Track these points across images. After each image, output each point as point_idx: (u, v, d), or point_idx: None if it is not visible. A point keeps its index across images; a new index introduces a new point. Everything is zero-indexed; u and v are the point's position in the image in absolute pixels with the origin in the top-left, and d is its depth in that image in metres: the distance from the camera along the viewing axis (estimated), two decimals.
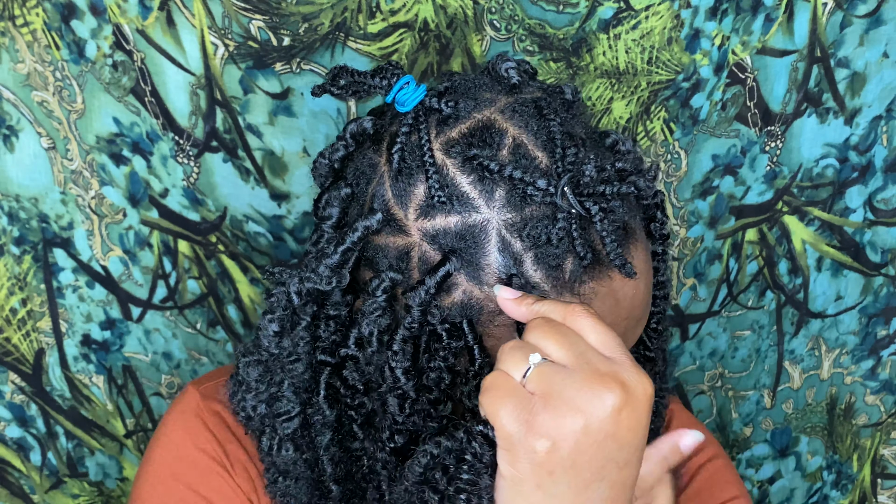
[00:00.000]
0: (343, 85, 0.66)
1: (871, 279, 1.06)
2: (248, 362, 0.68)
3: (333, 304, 0.66)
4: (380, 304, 0.62)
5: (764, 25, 0.90)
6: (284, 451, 0.69)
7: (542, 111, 0.62)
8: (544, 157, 0.60)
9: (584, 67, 0.89)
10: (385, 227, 0.62)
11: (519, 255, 0.59)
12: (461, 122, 0.61)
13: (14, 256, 0.98)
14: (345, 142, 0.67)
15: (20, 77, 0.90)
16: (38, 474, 1.10)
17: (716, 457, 0.83)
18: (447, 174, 0.60)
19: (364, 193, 0.64)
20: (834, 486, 1.20)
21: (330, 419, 0.68)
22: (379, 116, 0.67)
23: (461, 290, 0.60)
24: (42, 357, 1.04)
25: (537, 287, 0.59)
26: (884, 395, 1.14)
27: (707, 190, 0.98)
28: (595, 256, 0.60)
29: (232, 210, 0.94)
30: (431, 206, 0.60)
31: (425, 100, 0.62)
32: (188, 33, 0.85)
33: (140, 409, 1.08)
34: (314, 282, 0.64)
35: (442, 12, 0.85)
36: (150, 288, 1.01)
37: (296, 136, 0.90)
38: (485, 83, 0.64)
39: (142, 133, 0.91)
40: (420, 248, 0.61)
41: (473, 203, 0.59)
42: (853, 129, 0.97)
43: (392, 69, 0.64)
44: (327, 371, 0.68)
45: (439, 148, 0.61)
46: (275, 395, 0.68)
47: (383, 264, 0.63)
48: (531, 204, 0.59)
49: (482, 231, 0.59)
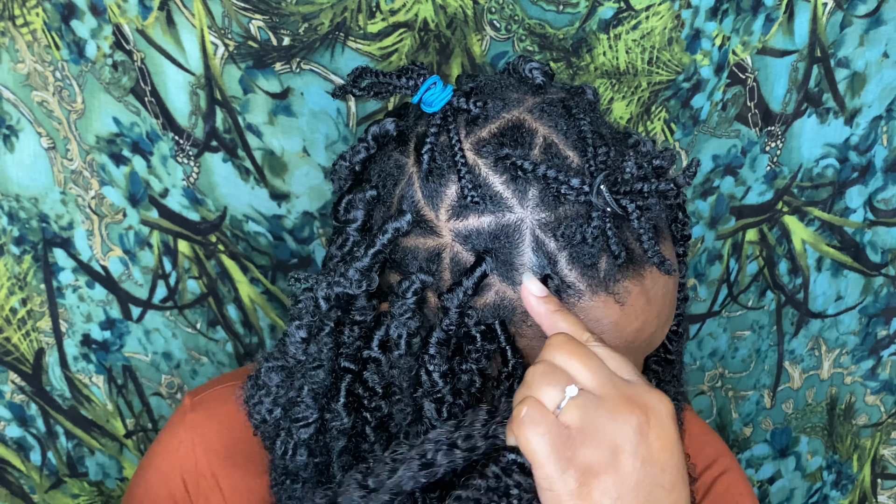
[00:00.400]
0: (365, 86, 0.66)
1: (871, 279, 1.06)
2: (270, 367, 0.68)
3: (359, 309, 0.65)
4: (409, 307, 0.62)
5: (764, 26, 0.90)
6: (299, 455, 0.69)
7: (571, 111, 0.61)
8: (575, 156, 0.60)
9: (584, 67, 0.89)
10: (415, 229, 0.62)
11: (553, 255, 0.59)
12: (490, 122, 0.61)
13: (14, 256, 0.98)
14: (366, 144, 0.66)
15: (20, 77, 0.90)
16: (38, 474, 1.10)
17: (730, 469, 0.82)
18: (479, 174, 0.60)
19: (391, 195, 0.63)
20: (834, 486, 1.20)
21: (347, 426, 0.68)
22: (399, 118, 0.66)
23: (494, 290, 0.60)
24: (42, 357, 1.04)
25: (572, 286, 0.59)
26: (884, 396, 1.14)
27: (707, 190, 0.98)
28: (629, 255, 0.59)
29: (232, 210, 0.94)
30: (464, 207, 0.60)
31: (452, 100, 0.62)
32: (188, 33, 0.85)
33: (140, 409, 1.08)
34: (343, 286, 0.63)
35: (442, 12, 0.85)
36: (150, 288, 1.01)
37: (296, 135, 0.90)
38: (510, 84, 0.64)
39: (142, 133, 0.91)
40: (452, 248, 0.61)
41: (507, 203, 0.59)
42: (853, 129, 0.97)
43: (418, 69, 0.64)
44: (349, 378, 0.67)
45: (470, 148, 0.60)
46: (293, 399, 0.68)
47: (413, 266, 0.62)
48: (565, 203, 0.59)
49: (516, 231, 0.59)
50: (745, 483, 0.84)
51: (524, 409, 0.55)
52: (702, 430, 0.86)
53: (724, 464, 0.83)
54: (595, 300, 0.59)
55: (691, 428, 0.85)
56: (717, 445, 0.85)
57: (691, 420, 0.86)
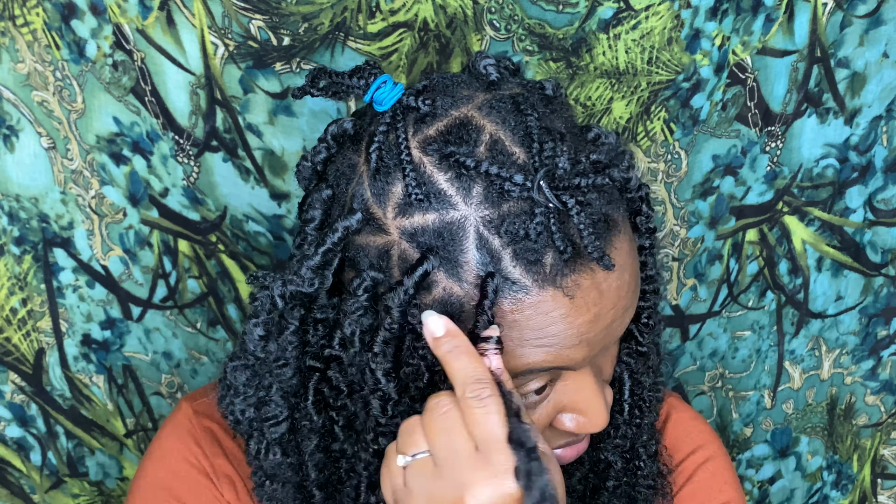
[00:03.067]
0: (323, 86, 0.66)
1: (872, 279, 1.06)
2: (235, 367, 0.68)
3: (320, 308, 0.65)
4: (362, 304, 0.62)
5: (764, 26, 0.90)
6: (272, 455, 0.69)
7: (520, 106, 0.62)
8: (522, 152, 0.60)
9: (583, 67, 0.89)
10: (365, 227, 0.62)
11: (497, 252, 0.59)
12: (438, 120, 0.61)
13: (14, 256, 0.98)
14: (326, 143, 0.67)
15: (20, 77, 0.90)
16: (39, 474, 1.10)
17: (714, 456, 0.83)
18: (424, 172, 0.60)
19: (344, 194, 0.64)
20: (834, 487, 1.20)
21: (317, 425, 0.68)
22: (360, 117, 0.67)
23: (441, 287, 0.60)
24: (42, 357, 1.04)
25: (517, 283, 0.59)
26: (884, 396, 1.14)
27: (707, 190, 0.98)
28: (575, 250, 0.59)
29: (232, 209, 0.94)
30: (409, 205, 0.60)
31: (403, 98, 0.62)
32: (188, 33, 0.85)
33: (140, 408, 1.08)
34: (297, 284, 0.64)
35: (442, 12, 0.85)
36: (151, 287, 1.01)
37: (296, 135, 0.90)
38: (463, 81, 0.64)
39: (142, 133, 0.91)
40: (399, 246, 0.61)
41: (451, 200, 0.59)
42: (853, 129, 0.97)
43: (370, 69, 0.64)
44: (316, 377, 0.67)
45: (416, 146, 0.61)
46: (263, 399, 0.68)
47: (364, 264, 0.62)
48: (508, 200, 0.59)
49: (460, 228, 0.59)
50: (731, 471, 0.84)
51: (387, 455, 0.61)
52: (689, 417, 0.87)
53: (710, 451, 0.83)
54: (542, 295, 0.59)
55: (679, 413, 0.85)
56: (704, 432, 0.85)
57: (678, 406, 0.86)
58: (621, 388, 0.76)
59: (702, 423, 0.87)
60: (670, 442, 0.84)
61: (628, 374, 0.75)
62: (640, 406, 0.77)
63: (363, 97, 0.64)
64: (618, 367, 0.75)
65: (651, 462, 0.79)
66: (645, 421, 0.77)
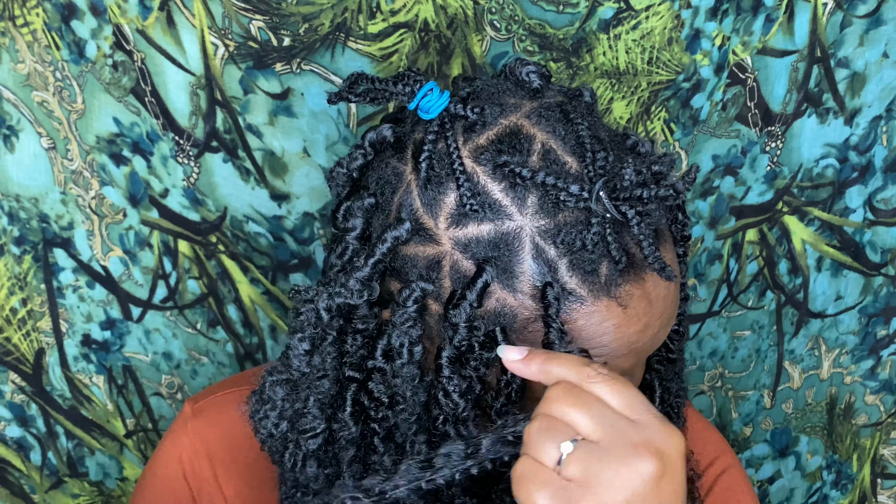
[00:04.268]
0: (361, 92, 0.65)
1: (871, 279, 1.06)
2: (275, 381, 0.68)
3: (361, 318, 0.65)
4: (410, 315, 0.61)
5: (764, 26, 0.90)
6: (308, 467, 0.69)
7: (569, 115, 0.61)
8: (574, 161, 0.59)
9: (584, 67, 0.89)
10: (414, 237, 0.61)
11: (553, 262, 0.58)
12: (488, 129, 0.60)
13: (14, 256, 0.98)
14: (363, 150, 0.66)
15: (20, 77, 0.90)
16: (39, 474, 1.10)
17: (731, 467, 0.82)
18: (478, 182, 0.59)
19: (389, 203, 0.63)
20: (834, 486, 1.20)
21: (355, 435, 0.67)
22: (396, 123, 0.66)
23: (494, 298, 0.59)
24: (42, 357, 1.04)
25: (573, 293, 0.58)
26: (883, 395, 1.14)
27: (707, 190, 0.98)
28: (629, 260, 0.59)
29: (232, 210, 0.94)
30: (463, 215, 0.59)
31: (450, 106, 0.61)
32: (188, 33, 0.85)
33: (140, 409, 1.08)
34: (344, 296, 0.63)
35: (442, 12, 0.85)
36: (151, 288, 1.01)
37: (296, 136, 0.90)
38: (507, 88, 0.63)
39: (142, 133, 0.91)
40: (452, 257, 0.60)
41: (506, 210, 0.58)
42: (853, 129, 0.97)
43: (414, 76, 0.63)
44: (354, 387, 0.67)
45: (468, 155, 0.60)
46: (300, 411, 0.68)
47: (413, 274, 0.61)
48: (564, 210, 0.58)
49: (515, 238, 0.58)
50: (746, 481, 0.84)
51: (519, 467, 0.53)
52: (703, 427, 0.86)
53: (726, 462, 0.83)
54: (597, 305, 0.59)
55: (692, 424, 0.85)
56: (719, 443, 0.85)
57: (692, 416, 0.85)
58: (652, 397, 0.75)
59: (715, 433, 0.86)
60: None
61: (658, 381, 0.75)
62: (669, 413, 0.76)
63: (408, 104, 0.63)
64: (648, 374, 0.75)
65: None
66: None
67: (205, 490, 0.77)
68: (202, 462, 0.77)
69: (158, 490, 0.78)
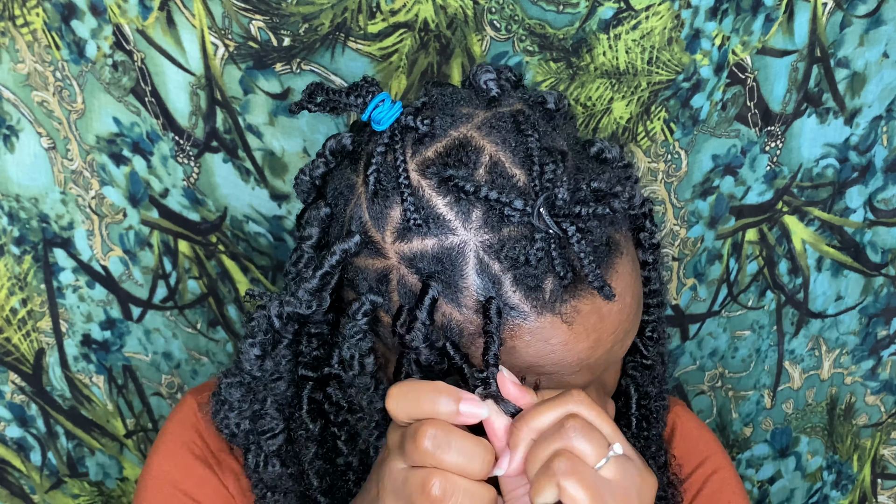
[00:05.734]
0: (320, 102, 0.64)
1: (872, 279, 1.06)
2: (230, 383, 0.68)
3: (315, 323, 0.65)
4: (361, 328, 0.61)
5: (764, 25, 0.90)
6: (271, 467, 0.69)
7: (520, 126, 0.60)
8: (522, 174, 0.58)
9: (584, 67, 0.89)
10: (364, 249, 0.61)
11: (497, 277, 0.57)
12: (437, 141, 0.60)
13: (14, 256, 0.98)
14: (325, 158, 0.66)
15: (20, 77, 0.90)
16: (39, 474, 1.10)
17: (721, 468, 0.82)
18: (423, 196, 0.58)
19: (342, 214, 0.63)
20: (834, 487, 1.20)
21: (314, 433, 0.68)
22: (359, 132, 0.65)
23: (440, 312, 0.59)
24: (42, 357, 1.04)
25: (516, 308, 0.58)
26: (884, 396, 1.14)
27: (707, 190, 0.98)
28: (575, 275, 0.58)
29: (232, 210, 0.94)
30: (408, 229, 0.59)
31: (401, 117, 0.60)
32: (188, 33, 0.85)
33: (140, 409, 1.08)
34: (294, 306, 0.63)
35: (442, 12, 0.85)
36: (151, 288, 1.01)
37: (296, 136, 0.90)
38: (463, 97, 0.62)
39: (142, 133, 0.91)
40: (399, 271, 0.59)
41: (450, 225, 0.58)
42: (853, 129, 0.97)
43: (367, 86, 0.63)
44: (309, 385, 0.67)
45: (415, 168, 0.59)
46: (258, 412, 0.68)
47: (363, 286, 0.61)
48: (509, 224, 0.57)
49: (459, 253, 0.58)
50: (738, 482, 0.83)
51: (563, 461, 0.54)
52: (695, 426, 0.85)
53: (716, 462, 0.82)
54: (541, 321, 0.58)
55: (684, 423, 0.84)
56: (710, 444, 0.85)
57: (684, 416, 0.85)
58: (628, 402, 0.75)
59: (706, 433, 0.86)
60: (677, 454, 0.82)
61: (634, 387, 0.74)
62: (648, 418, 0.76)
63: (360, 115, 0.62)
64: (623, 380, 0.74)
65: (661, 473, 0.78)
66: (653, 432, 0.77)
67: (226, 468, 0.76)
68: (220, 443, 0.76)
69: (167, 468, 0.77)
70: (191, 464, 0.75)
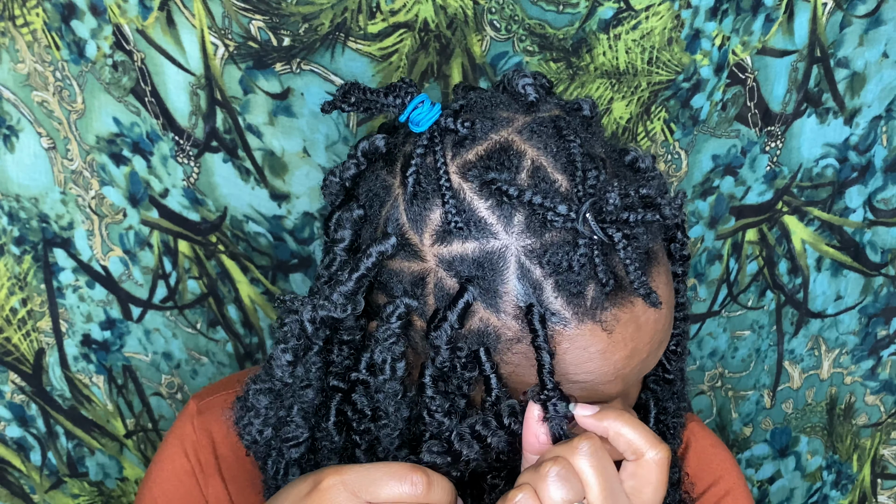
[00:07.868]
0: (353, 102, 0.64)
1: (871, 279, 1.06)
2: (258, 390, 0.67)
3: (347, 329, 0.64)
4: (394, 331, 0.60)
5: (764, 26, 0.90)
6: (291, 475, 0.68)
7: (562, 131, 0.59)
8: (564, 179, 0.58)
9: (584, 67, 0.89)
10: (399, 252, 0.60)
11: (538, 283, 0.57)
12: (478, 144, 0.59)
13: (14, 256, 0.98)
14: (356, 160, 0.65)
15: (20, 77, 0.90)
16: (38, 474, 1.10)
17: (734, 489, 0.80)
18: (464, 199, 0.58)
19: (377, 216, 0.62)
20: (834, 486, 1.20)
21: (338, 445, 0.67)
22: (391, 134, 0.64)
23: (478, 317, 0.58)
24: (42, 357, 1.04)
25: (557, 314, 0.57)
26: (884, 395, 1.14)
27: (707, 190, 0.98)
28: (617, 282, 0.57)
29: (232, 210, 0.94)
30: (448, 232, 0.58)
31: (440, 119, 0.60)
32: (188, 33, 0.85)
33: (140, 409, 1.08)
34: (328, 309, 0.62)
35: (442, 12, 0.85)
36: (151, 288, 1.01)
37: (296, 136, 0.90)
38: (501, 101, 0.62)
39: (142, 133, 0.91)
40: (436, 274, 0.59)
41: (491, 229, 0.57)
42: (853, 129, 0.97)
43: (406, 87, 0.62)
44: (339, 397, 0.66)
45: (456, 171, 0.58)
46: (283, 419, 0.67)
47: (398, 290, 0.60)
48: (551, 230, 0.57)
49: (500, 258, 0.57)
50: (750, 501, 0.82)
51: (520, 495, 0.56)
52: (710, 444, 0.83)
53: (730, 482, 0.80)
54: (581, 328, 0.57)
55: (699, 440, 0.82)
56: (725, 461, 0.83)
57: (699, 433, 0.83)
58: (647, 416, 0.74)
59: (722, 450, 0.84)
60: (691, 472, 0.81)
61: (654, 401, 0.74)
62: (664, 433, 0.75)
63: (398, 116, 0.61)
64: (643, 393, 0.73)
65: (674, 490, 0.77)
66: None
67: (211, 484, 0.77)
68: (209, 456, 0.77)
69: (166, 485, 0.77)
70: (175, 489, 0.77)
